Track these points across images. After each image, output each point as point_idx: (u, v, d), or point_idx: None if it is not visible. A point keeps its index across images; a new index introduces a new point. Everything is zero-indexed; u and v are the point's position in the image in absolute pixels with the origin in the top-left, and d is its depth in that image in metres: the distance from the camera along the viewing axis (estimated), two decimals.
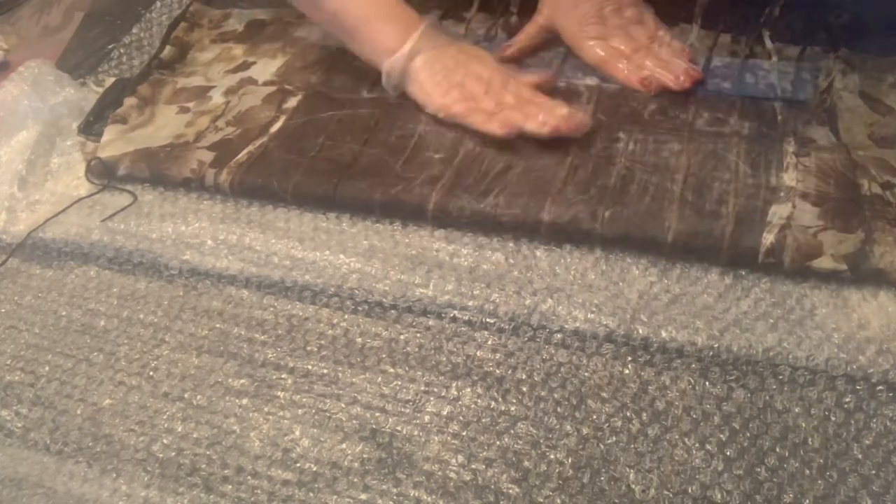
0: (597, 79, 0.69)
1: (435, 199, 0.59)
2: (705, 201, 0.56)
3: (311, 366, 0.55)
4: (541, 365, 0.53)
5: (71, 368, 0.57)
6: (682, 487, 0.46)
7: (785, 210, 0.54)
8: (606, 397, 0.51)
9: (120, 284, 0.62)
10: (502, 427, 0.50)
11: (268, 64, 0.76)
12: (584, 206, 0.56)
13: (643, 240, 0.55)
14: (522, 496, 0.47)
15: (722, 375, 0.51)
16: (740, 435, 0.48)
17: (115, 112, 0.70)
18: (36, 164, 0.69)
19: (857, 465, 0.46)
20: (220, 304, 0.59)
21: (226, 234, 0.62)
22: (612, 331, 0.53)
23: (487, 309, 0.55)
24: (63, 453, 0.53)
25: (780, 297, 0.53)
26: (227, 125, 0.69)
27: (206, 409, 0.53)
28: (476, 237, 0.59)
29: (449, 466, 0.49)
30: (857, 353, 0.49)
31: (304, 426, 0.52)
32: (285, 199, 0.62)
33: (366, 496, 0.48)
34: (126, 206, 0.65)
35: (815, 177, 0.57)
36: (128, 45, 0.83)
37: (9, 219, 0.65)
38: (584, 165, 0.60)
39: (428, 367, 0.54)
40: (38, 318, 0.61)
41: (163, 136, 0.69)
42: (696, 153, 0.60)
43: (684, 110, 0.64)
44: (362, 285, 0.57)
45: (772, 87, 0.66)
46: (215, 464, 0.51)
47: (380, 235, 0.60)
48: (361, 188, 0.60)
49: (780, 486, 0.46)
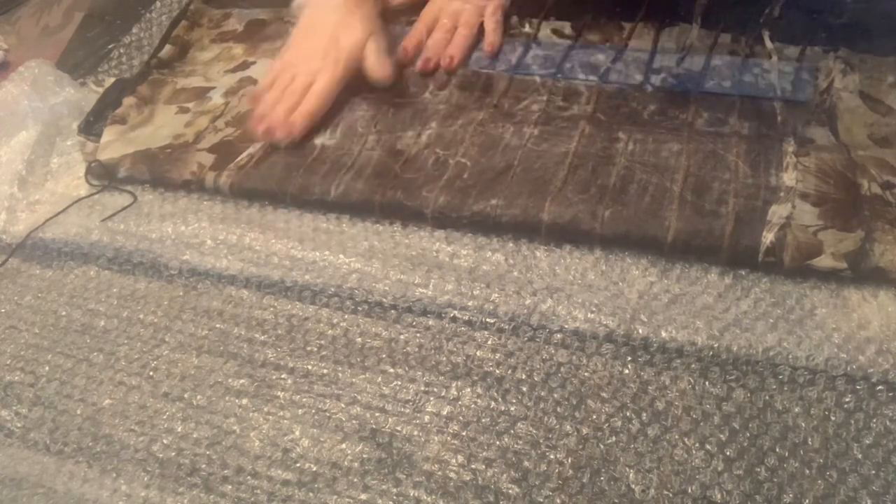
0: (597, 78, 0.69)
1: (435, 200, 0.59)
2: (705, 201, 0.56)
3: (311, 366, 0.55)
4: (541, 365, 0.53)
5: (71, 368, 0.57)
6: (682, 487, 0.46)
7: (785, 210, 0.54)
8: (606, 397, 0.51)
9: (120, 284, 0.62)
10: (502, 427, 0.50)
11: (267, 64, 0.76)
12: (583, 206, 0.56)
13: (643, 239, 0.55)
14: (522, 496, 0.47)
15: (722, 375, 0.51)
16: (740, 435, 0.48)
17: (114, 112, 0.70)
18: (36, 164, 0.69)
19: (857, 465, 0.46)
20: (220, 304, 0.59)
21: (226, 234, 0.62)
22: (612, 331, 0.53)
23: (487, 309, 0.55)
24: (63, 453, 0.53)
25: (780, 297, 0.53)
26: (226, 125, 0.69)
27: (206, 409, 0.53)
28: (476, 237, 0.59)
29: (449, 466, 0.49)
30: (857, 353, 0.49)
31: (304, 426, 0.52)
32: (285, 201, 0.63)
33: (366, 496, 0.48)
34: (126, 206, 0.65)
35: (814, 177, 0.57)
36: (128, 45, 0.83)
37: (9, 219, 0.65)
38: (584, 165, 0.60)
39: (428, 367, 0.54)
40: (38, 318, 0.61)
41: (162, 136, 0.69)
42: (696, 153, 0.60)
43: (684, 110, 0.64)
44: (362, 285, 0.57)
45: (772, 87, 0.66)
46: (215, 464, 0.51)
47: (380, 236, 0.60)
48: (361, 190, 0.60)
49: (780, 486, 0.46)
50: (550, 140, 0.62)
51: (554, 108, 0.66)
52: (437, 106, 0.67)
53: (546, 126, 0.64)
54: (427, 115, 0.66)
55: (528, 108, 0.67)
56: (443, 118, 0.66)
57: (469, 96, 0.68)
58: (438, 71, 0.71)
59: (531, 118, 0.65)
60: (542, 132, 0.63)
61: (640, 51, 0.70)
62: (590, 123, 0.63)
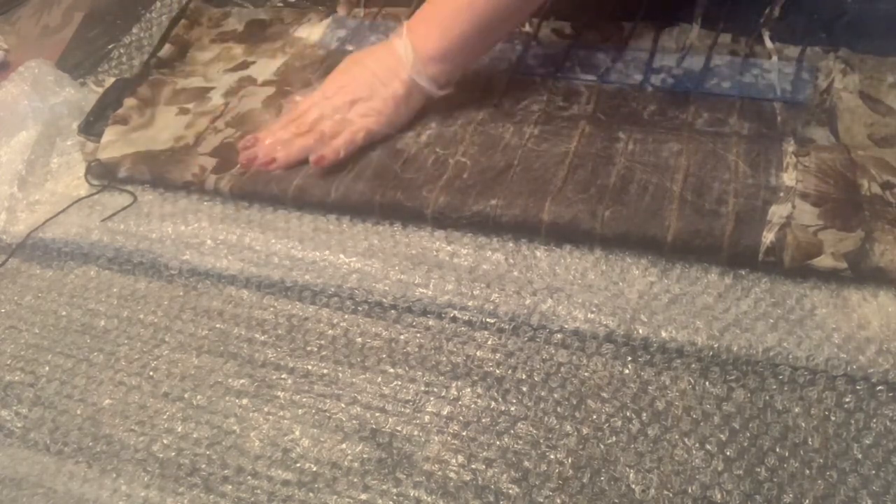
0: (597, 78, 0.69)
1: (435, 200, 0.59)
2: (705, 201, 0.56)
3: (311, 366, 0.55)
4: (541, 365, 0.53)
5: (71, 368, 0.57)
6: (682, 487, 0.46)
7: (785, 210, 0.54)
8: (606, 397, 0.51)
9: (120, 284, 0.62)
10: (502, 427, 0.50)
11: (267, 64, 0.76)
12: (583, 206, 0.56)
13: (643, 239, 0.55)
14: (522, 496, 0.47)
15: (722, 375, 0.51)
16: (740, 435, 0.48)
17: (115, 113, 0.70)
18: (36, 164, 0.69)
19: (857, 465, 0.46)
20: (220, 304, 0.59)
21: (226, 234, 0.62)
22: (612, 331, 0.52)
23: (487, 309, 0.55)
24: (63, 453, 0.53)
25: (780, 297, 0.53)
26: (226, 126, 0.69)
27: (206, 409, 0.53)
28: (476, 237, 0.59)
29: (449, 466, 0.49)
30: (857, 353, 0.49)
31: (304, 426, 0.52)
32: (285, 202, 0.62)
33: (366, 496, 0.48)
34: (126, 206, 0.65)
35: (814, 177, 0.57)
36: (128, 46, 0.83)
37: (9, 219, 0.65)
38: (584, 165, 0.60)
39: (428, 367, 0.54)
40: (38, 318, 0.61)
41: (163, 138, 0.69)
42: (696, 153, 0.60)
43: (684, 110, 0.64)
44: (362, 285, 0.57)
45: (772, 87, 0.66)
46: (215, 464, 0.51)
47: (380, 235, 0.60)
48: (361, 190, 0.60)
49: (780, 486, 0.46)
50: (550, 140, 0.62)
51: (554, 107, 0.66)
52: (437, 105, 0.67)
53: (546, 126, 0.64)
54: (427, 114, 0.66)
55: (528, 107, 0.67)
56: (443, 118, 0.66)
57: (469, 96, 0.68)
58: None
59: (531, 118, 0.65)
60: (542, 132, 0.63)
61: (641, 50, 0.71)
62: (590, 123, 0.63)
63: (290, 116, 0.65)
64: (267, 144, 0.63)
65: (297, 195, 0.62)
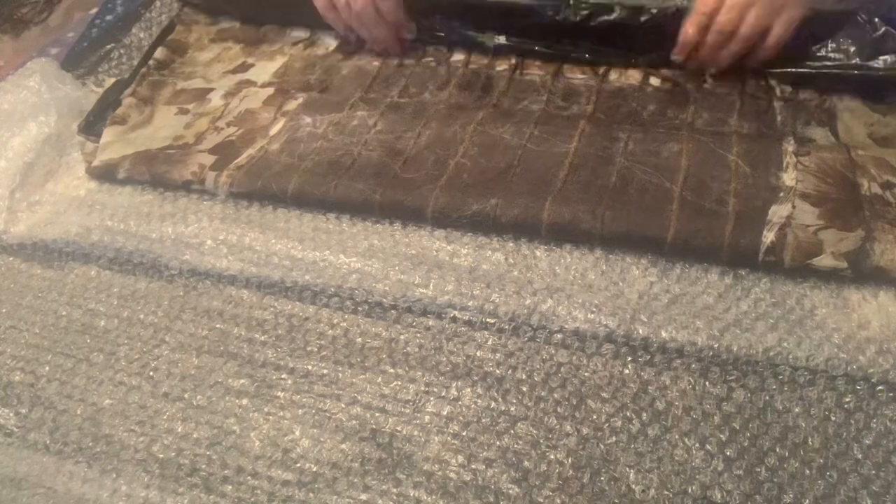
0: (597, 78, 0.69)
1: (435, 200, 0.59)
2: (705, 201, 0.56)
3: (311, 366, 0.55)
4: (541, 365, 0.53)
5: (71, 368, 0.57)
6: (682, 487, 0.46)
7: (785, 210, 0.54)
8: (606, 397, 0.51)
9: (120, 284, 0.62)
10: (502, 427, 0.50)
11: (267, 65, 0.76)
12: (583, 206, 0.56)
13: (643, 239, 0.55)
14: (522, 496, 0.47)
15: (722, 375, 0.51)
16: (740, 435, 0.48)
17: (114, 113, 0.70)
18: (36, 164, 0.69)
19: (857, 465, 0.46)
20: (220, 304, 0.59)
21: (226, 234, 0.62)
22: (612, 331, 0.52)
23: (487, 309, 0.55)
24: (63, 453, 0.53)
25: (780, 297, 0.53)
26: (227, 126, 0.69)
27: (206, 409, 0.53)
28: (476, 237, 0.59)
29: (449, 466, 0.49)
30: (857, 353, 0.49)
31: (304, 426, 0.52)
32: (285, 201, 0.62)
33: (366, 496, 0.48)
34: (126, 206, 0.65)
35: (814, 177, 0.57)
36: (128, 46, 0.83)
37: (9, 219, 0.65)
38: (584, 165, 0.60)
39: (428, 367, 0.54)
40: (38, 318, 0.61)
41: (162, 137, 0.68)
42: (696, 153, 0.60)
43: (684, 110, 0.64)
44: (362, 285, 0.57)
45: (771, 86, 0.66)
46: (215, 464, 0.51)
47: (380, 235, 0.60)
48: (361, 190, 0.60)
49: (780, 486, 0.46)
50: (550, 140, 0.62)
51: (554, 107, 0.66)
52: (437, 106, 0.67)
53: (546, 126, 0.64)
54: (427, 114, 0.66)
55: (528, 107, 0.67)
56: (443, 118, 0.66)
57: (469, 96, 0.68)
58: None
59: (531, 118, 0.65)
60: (542, 132, 0.63)
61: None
62: (590, 123, 0.63)
63: None
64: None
65: (296, 195, 0.62)
